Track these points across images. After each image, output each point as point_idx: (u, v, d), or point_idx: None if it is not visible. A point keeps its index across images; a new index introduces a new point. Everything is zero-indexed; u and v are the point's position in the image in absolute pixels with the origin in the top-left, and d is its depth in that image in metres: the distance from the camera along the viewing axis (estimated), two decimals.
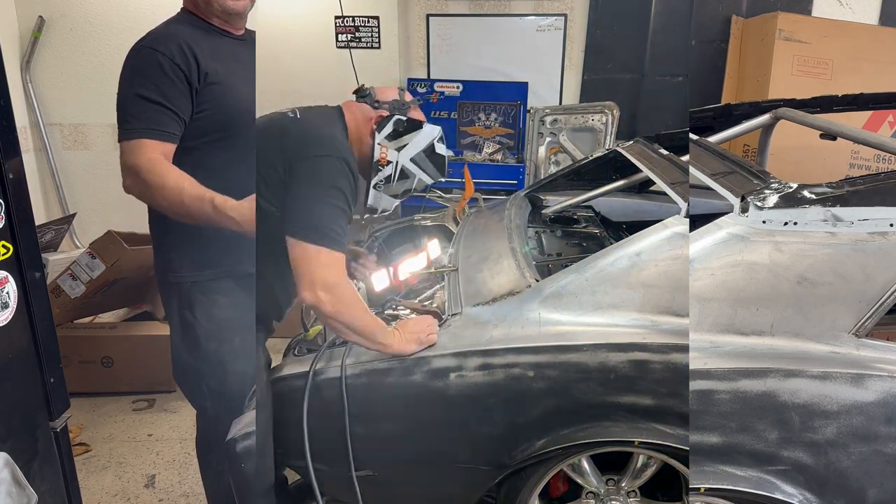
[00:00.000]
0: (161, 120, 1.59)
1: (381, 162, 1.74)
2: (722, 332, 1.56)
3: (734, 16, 4.36)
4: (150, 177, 1.55)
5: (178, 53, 1.61)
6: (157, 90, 1.59)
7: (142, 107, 1.58)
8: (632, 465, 1.74)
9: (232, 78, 1.71)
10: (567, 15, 4.55)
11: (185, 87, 1.62)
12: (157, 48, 1.61)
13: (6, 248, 1.31)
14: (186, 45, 1.63)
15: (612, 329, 1.62)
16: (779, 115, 2.65)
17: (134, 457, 2.72)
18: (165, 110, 1.59)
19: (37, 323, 1.40)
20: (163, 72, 1.59)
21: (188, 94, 1.63)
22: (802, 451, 1.54)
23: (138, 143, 1.57)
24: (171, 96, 1.60)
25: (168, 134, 1.61)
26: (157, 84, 1.59)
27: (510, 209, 2.48)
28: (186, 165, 1.62)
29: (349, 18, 4.45)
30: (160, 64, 1.59)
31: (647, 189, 3.01)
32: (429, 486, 1.81)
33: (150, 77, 1.59)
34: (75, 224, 4.05)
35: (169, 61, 1.59)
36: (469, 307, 1.77)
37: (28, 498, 1.36)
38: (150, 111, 1.58)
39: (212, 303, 1.76)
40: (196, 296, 1.76)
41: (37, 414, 1.44)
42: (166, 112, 1.60)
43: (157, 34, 1.68)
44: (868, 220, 1.54)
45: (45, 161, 4.23)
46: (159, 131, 1.59)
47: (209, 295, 1.76)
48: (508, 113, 4.49)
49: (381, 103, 1.77)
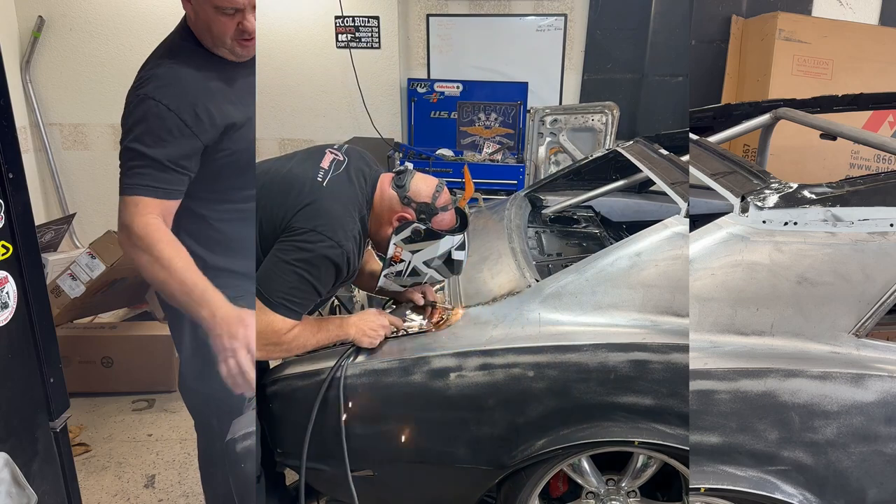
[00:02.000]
0: (161, 177, 1.51)
1: (395, 259, 1.74)
2: (722, 332, 1.56)
3: (734, 16, 4.37)
4: (142, 244, 1.48)
5: (187, 110, 1.51)
6: (159, 148, 1.50)
7: (141, 162, 1.50)
8: (632, 465, 1.74)
9: (248, 117, 1.64)
10: (567, 15, 4.55)
11: (193, 145, 1.54)
12: (163, 101, 1.50)
13: (6, 248, 1.31)
14: (198, 100, 1.53)
15: (612, 329, 1.62)
16: (779, 115, 2.65)
17: (134, 457, 2.72)
18: (166, 168, 1.51)
19: (37, 323, 1.40)
20: (168, 130, 1.50)
21: (196, 150, 1.55)
22: (802, 451, 1.54)
23: (134, 200, 1.49)
24: (175, 155, 1.52)
25: (169, 191, 1.53)
26: (160, 141, 1.50)
27: (510, 209, 2.49)
28: (207, 202, 1.61)
29: (349, 18, 4.45)
30: (165, 121, 1.49)
31: (647, 189, 3.01)
32: (429, 486, 1.81)
33: (153, 133, 1.50)
34: (75, 224, 4.05)
35: (175, 118, 1.50)
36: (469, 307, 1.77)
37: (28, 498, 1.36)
38: (149, 168, 1.50)
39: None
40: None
41: (37, 414, 1.44)
42: (167, 170, 1.52)
43: (161, 79, 1.53)
44: (868, 220, 1.54)
45: (45, 161, 4.23)
46: (157, 188, 1.51)
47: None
48: (508, 113, 4.49)
49: (411, 201, 1.70)
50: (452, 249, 1.75)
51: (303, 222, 1.58)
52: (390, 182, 1.74)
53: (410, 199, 1.70)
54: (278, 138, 4.75)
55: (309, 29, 4.49)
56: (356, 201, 1.68)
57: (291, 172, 1.68)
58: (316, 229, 1.57)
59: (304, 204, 1.59)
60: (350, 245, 1.60)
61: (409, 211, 1.70)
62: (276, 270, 1.57)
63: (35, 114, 4.12)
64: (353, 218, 1.65)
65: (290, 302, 1.57)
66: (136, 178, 1.50)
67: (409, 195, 1.70)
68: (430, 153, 4.35)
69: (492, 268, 1.95)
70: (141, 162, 1.50)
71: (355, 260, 1.65)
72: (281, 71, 4.49)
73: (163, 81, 1.53)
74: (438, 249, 1.73)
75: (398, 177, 1.74)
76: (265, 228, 1.63)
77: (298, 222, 1.58)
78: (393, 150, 4.26)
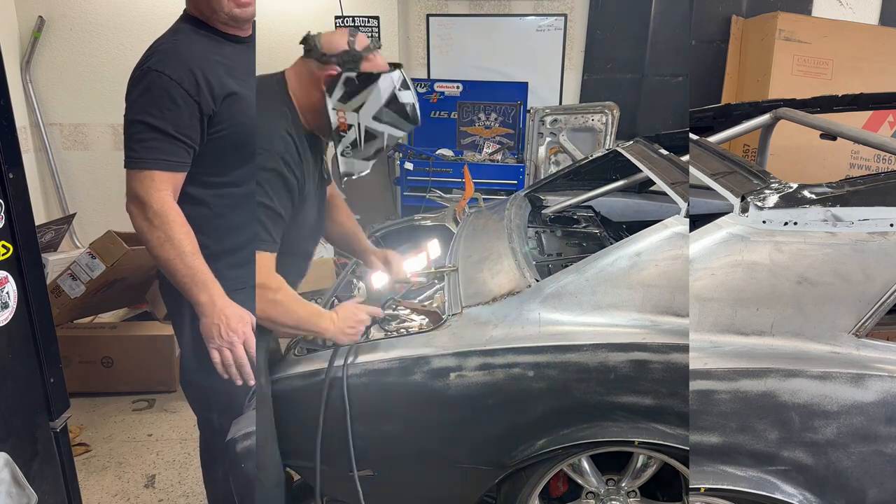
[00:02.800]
0: (170, 149, 1.55)
1: (342, 128, 1.59)
2: (722, 332, 1.56)
3: (734, 16, 4.37)
4: (158, 221, 1.52)
5: (188, 79, 1.55)
6: (165, 118, 1.53)
7: (150, 135, 1.53)
8: (632, 465, 1.74)
9: (248, 91, 1.66)
10: (567, 15, 4.55)
11: (196, 114, 1.57)
12: (165, 71, 1.54)
13: (6, 248, 1.32)
14: (199, 69, 1.57)
15: (612, 329, 1.62)
16: (779, 115, 2.65)
17: (134, 457, 2.72)
18: (174, 140, 1.55)
19: (37, 323, 1.40)
20: (171, 99, 1.53)
21: (199, 122, 1.58)
22: (802, 451, 1.54)
23: (148, 174, 1.53)
24: (181, 125, 1.55)
25: (178, 163, 1.57)
26: (165, 111, 1.53)
27: (510, 209, 2.48)
28: (210, 186, 1.61)
29: (349, 18, 4.45)
30: (168, 90, 1.53)
31: (647, 189, 3.01)
32: (429, 486, 1.81)
33: (158, 104, 1.53)
34: (75, 224, 4.04)
35: (178, 87, 1.53)
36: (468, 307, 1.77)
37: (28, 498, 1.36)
38: (159, 140, 1.54)
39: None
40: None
41: (37, 414, 1.44)
42: (175, 141, 1.55)
43: (164, 53, 1.58)
44: (868, 220, 1.54)
45: (45, 161, 4.23)
46: (169, 161, 1.55)
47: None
48: (508, 113, 4.49)
49: (329, 56, 1.56)
50: (396, 91, 1.58)
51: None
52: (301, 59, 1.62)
53: (328, 56, 1.57)
54: None
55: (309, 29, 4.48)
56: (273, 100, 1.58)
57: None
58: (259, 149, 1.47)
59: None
60: (279, 146, 1.50)
61: (332, 67, 1.56)
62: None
63: (35, 114, 4.12)
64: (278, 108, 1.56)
65: (260, 235, 1.47)
66: (147, 151, 1.54)
67: (323, 52, 1.57)
68: (431, 153, 4.35)
69: (492, 268, 1.95)
70: (151, 135, 1.53)
71: (297, 168, 1.54)
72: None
73: (164, 55, 1.57)
74: (381, 95, 1.57)
75: (304, 45, 1.62)
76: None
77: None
78: (393, 149, 4.27)
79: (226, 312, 1.55)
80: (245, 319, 1.57)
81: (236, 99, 1.63)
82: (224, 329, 1.54)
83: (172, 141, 1.55)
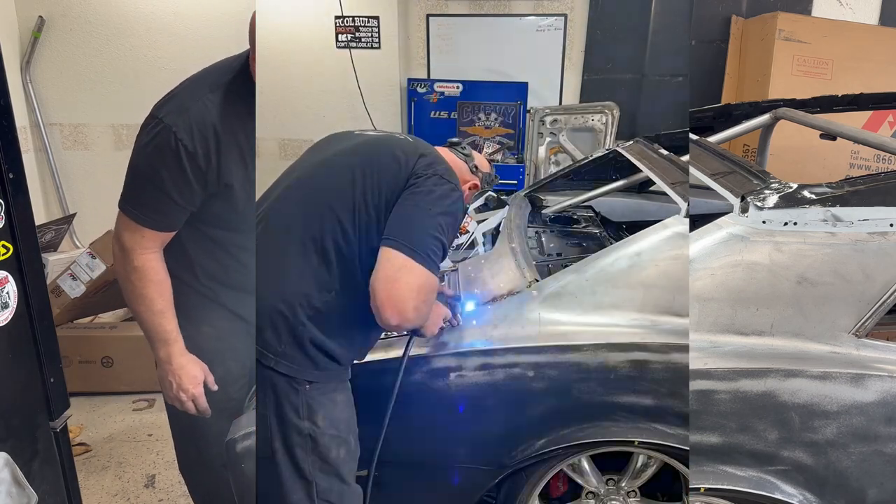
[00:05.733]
0: (167, 211, 1.55)
1: (461, 230, 1.66)
2: (722, 332, 1.56)
3: (734, 16, 4.37)
4: (135, 276, 1.56)
5: (203, 154, 1.49)
6: (171, 182, 1.50)
7: (152, 194, 1.52)
8: (632, 465, 1.74)
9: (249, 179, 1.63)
10: (567, 15, 4.55)
11: (202, 183, 1.53)
12: (183, 140, 1.47)
13: (6, 248, 1.31)
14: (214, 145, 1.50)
15: (612, 329, 1.62)
16: (779, 115, 2.65)
17: (134, 457, 2.72)
18: (175, 204, 1.54)
19: (37, 323, 1.40)
20: (181, 168, 1.49)
21: (202, 190, 1.55)
22: (802, 451, 1.54)
23: (139, 230, 1.54)
24: (185, 193, 1.53)
25: (170, 223, 1.58)
26: (174, 175, 1.50)
27: (510, 209, 2.48)
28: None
29: (349, 18, 4.45)
30: (180, 158, 1.48)
31: (647, 189, 3.01)
32: (429, 486, 1.81)
33: (167, 165, 1.49)
34: (75, 224, 4.05)
35: (192, 160, 1.49)
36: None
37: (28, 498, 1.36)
38: (159, 202, 1.53)
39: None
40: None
41: (37, 414, 1.44)
42: (175, 206, 1.54)
43: (191, 116, 1.49)
44: (868, 220, 1.54)
45: (45, 161, 4.23)
46: (163, 222, 1.56)
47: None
48: (508, 113, 4.49)
49: (479, 171, 1.60)
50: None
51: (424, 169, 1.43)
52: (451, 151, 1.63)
53: (477, 169, 1.60)
54: (278, 138, 4.75)
55: (309, 29, 4.49)
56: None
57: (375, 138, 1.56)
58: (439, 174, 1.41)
59: (420, 154, 1.47)
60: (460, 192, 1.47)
61: (477, 179, 1.59)
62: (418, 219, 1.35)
63: (35, 114, 4.12)
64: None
65: (434, 254, 1.33)
66: (144, 208, 1.54)
67: (476, 165, 1.60)
68: None
69: (492, 268, 1.95)
70: (153, 194, 1.52)
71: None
72: (281, 71, 4.50)
73: (191, 119, 1.49)
74: (496, 221, 1.66)
75: (460, 147, 1.63)
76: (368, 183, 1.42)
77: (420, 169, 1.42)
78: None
79: (180, 372, 1.62)
80: (198, 379, 1.64)
81: (230, 192, 1.58)
82: (176, 388, 1.63)
83: (172, 205, 1.54)
